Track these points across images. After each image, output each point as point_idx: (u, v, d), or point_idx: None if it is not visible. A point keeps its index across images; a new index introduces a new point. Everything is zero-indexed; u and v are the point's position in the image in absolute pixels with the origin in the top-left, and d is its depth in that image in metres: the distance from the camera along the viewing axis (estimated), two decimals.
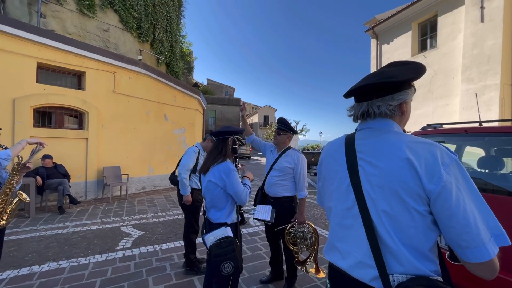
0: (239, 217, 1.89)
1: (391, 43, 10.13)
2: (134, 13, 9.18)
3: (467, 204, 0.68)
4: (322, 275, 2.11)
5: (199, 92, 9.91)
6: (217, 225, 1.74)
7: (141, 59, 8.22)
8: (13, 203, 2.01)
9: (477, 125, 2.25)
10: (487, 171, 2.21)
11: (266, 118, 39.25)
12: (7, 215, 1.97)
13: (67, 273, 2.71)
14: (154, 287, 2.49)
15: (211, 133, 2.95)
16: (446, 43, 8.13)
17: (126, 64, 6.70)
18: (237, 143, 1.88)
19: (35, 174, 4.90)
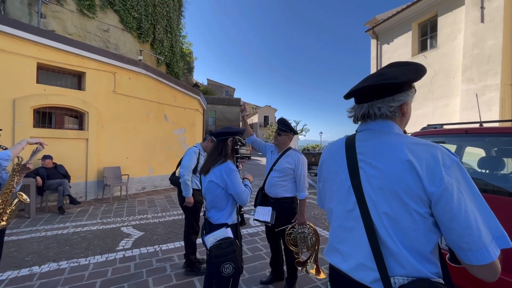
0: (239, 218, 1.89)
1: (391, 43, 10.12)
2: (134, 14, 9.19)
3: (469, 206, 0.67)
4: (322, 276, 2.10)
5: (199, 92, 9.91)
6: (217, 225, 1.73)
7: (141, 60, 8.22)
8: (13, 204, 2.01)
9: (477, 125, 2.25)
10: (487, 171, 2.21)
11: (266, 118, 39.24)
12: (7, 216, 1.97)
13: (67, 274, 2.71)
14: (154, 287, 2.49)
15: (211, 133, 2.95)
16: (446, 43, 8.13)
17: (126, 64, 6.71)
18: (238, 143, 1.88)
19: (35, 174, 4.90)
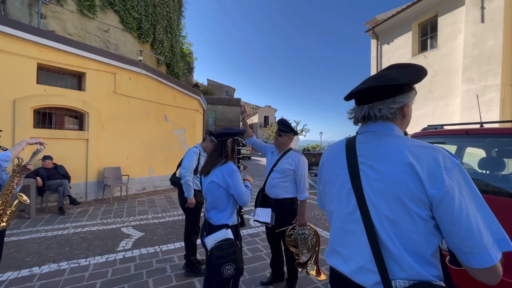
0: (239, 219, 1.88)
1: (391, 43, 10.12)
2: (134, 14, 9.19)
3: (470, 209, 0.67)
4: (323, 277, 2.10)
5: (199, 92, 9.90)
6: (218, 226, 1.73)
7: (141, 60, 8.22)
8: (13, 205, 2.01)
9: (478, 126, 2.25)
10: (488, 172, 2.21)
11: (266, 118, 39.25)
12: (7, 217, 1.97)
13: (68, 275, 2.71)
14: None
15: (210, 134, 2.95)
16: (446, 44, 8.13)
17: (126, 64, 6.71)
18: (241, 144, 1.87)
19: (35, 175, 4.90)
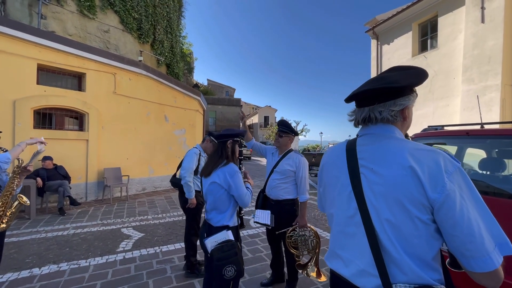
0: (239, 221, 1.88)
1: (391, 43, 10.11)
2: (134, 14, 9.19)
3: (471, 212, 0.67)
4: (323, 279, 2.09)
5: (200, 93, 9.90)
6: (218, 228, 1.73)
7: (141, 60, 8.22)
8: (13, 206, 2.01)
9: (478, 127, 2.24)
10: (488, 173, 2.21)
11: (266, 118, 39.24)
12: (7, 218, 1.96)
13: (68, 276, 2.71)
14: None
15: (209, 134, 2.96)
16: (446, 44, 8.12)
17: (126, 65, 6.71)
18: (243, 145, 1.88)
19: (35, 175, 4.90)
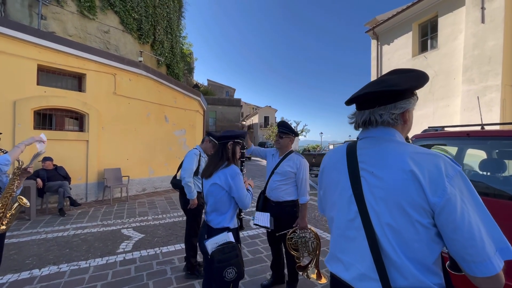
0: (238, 222, 1.88)
1: (391, 43, 10.11)
2: (134, 15, 9.20)
3: (472, 217, 0.67)
4: (323, 280, 2.09)
5: (200, 93, 9.90)
6: (218, 230, 1.72)
7: (141, 61, 8.22)
8: (13, 208, 2.00)
9: (479, 128, 2.24)
10: (488, 173, 2.20)
11: (266, 118, 39.27)
12: (7, 220, 1.96)
13: (68, 277, 2.71)
14: None
15: (208, 134, 2.95)
16: (446, 44, 8.12)
17: (126, 65, 6.71)
18: (246, 147, 1.87)
19: (35, 176, 4.90)
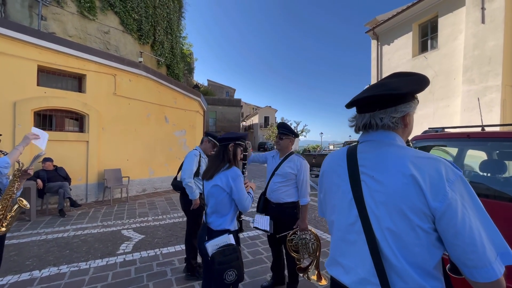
0: (238, 225, 1.88)
1: (391, 44, 10.10)
2: (134, 15, 9.20)
3: (473, 221, 0.66)
4: (324, 282, 2.09)
5: (200, 94, 9.90)
6: (218, 232, 1.72)
7: (141, 61, 8.23)
8: (13, 209, 2.00)
9: (479, 129, 2.24)
10: (489, 174, 2.20)
11: (266, 118, 39.29)
12: (7, 222, 1.96)
13: (68, 278, 2.71)
14: None
15: (207, 134, 2.95)
16: (446, 44, 8.11)
17: (126, 66, 6.71)
18: (247, 150, 1.87)
19: (35, 177, 4.90)
